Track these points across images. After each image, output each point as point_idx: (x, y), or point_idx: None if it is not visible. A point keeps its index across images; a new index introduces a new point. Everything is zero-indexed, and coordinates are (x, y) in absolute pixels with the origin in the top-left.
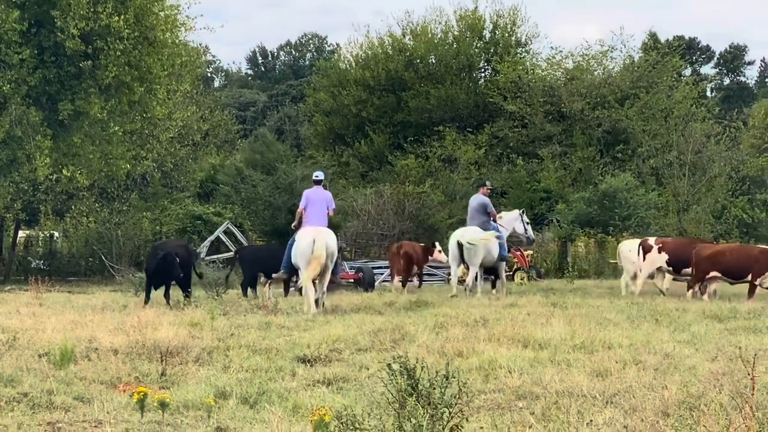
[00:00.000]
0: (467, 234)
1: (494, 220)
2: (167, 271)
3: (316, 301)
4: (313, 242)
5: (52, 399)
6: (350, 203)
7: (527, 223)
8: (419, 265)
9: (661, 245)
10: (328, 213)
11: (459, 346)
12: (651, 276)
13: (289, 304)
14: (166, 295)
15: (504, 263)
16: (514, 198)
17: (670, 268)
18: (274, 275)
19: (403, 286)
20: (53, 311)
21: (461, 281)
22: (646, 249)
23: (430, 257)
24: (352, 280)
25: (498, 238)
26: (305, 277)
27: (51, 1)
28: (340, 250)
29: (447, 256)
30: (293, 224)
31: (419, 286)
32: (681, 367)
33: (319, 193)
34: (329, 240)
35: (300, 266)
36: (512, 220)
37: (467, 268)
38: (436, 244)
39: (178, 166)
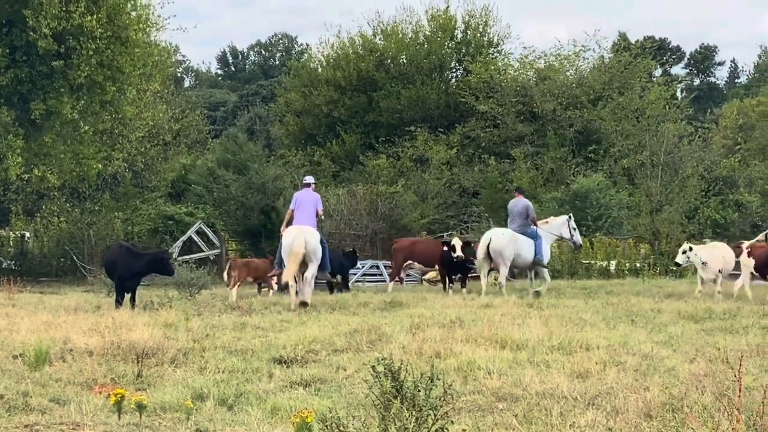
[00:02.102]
0: (494, 236)
1: (534, 224)
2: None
3: (304, 303)
4: (294, 239)
5: (28, 401)
6: (323, 203)
7: (574, 229)
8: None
9: (749, 250)
10: (317, 214)
11: (436, 347)
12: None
13: (263, 304)
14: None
15: (544, 267)
16: (486, 198)
17: (758, 273)
18: (269, 274)
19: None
20: (26, 312)
21: (433, 282)
22: (737, 253)
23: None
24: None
25: (535, 239)
26: (286, 272)
27: (23, 1)
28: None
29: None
30: (282, 225)
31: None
32: (660, 368)
33: (308, 195)
34: (309, 237)
35: (285, 262)
36: (560, 226)
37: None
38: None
39: (149, 166)
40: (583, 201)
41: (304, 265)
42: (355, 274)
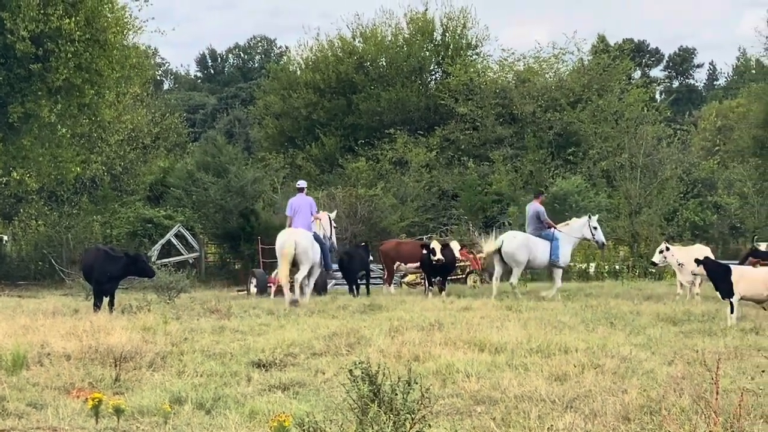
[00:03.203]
0: (506, 239)
1: (552, 228)
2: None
3: (295, 303)
4: (284, 241)
5: (5, 405)
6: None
7: (595, 228)
8: None
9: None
10: (313, 217)
11: (415, 350)
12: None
13: (242, 308)
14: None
15: (559, 269)
16: (465, 201)
17: None
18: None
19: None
20: (4, 316)
21: (412, 285)
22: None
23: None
24: None
25: (551, 241)
26: (278, 273)
27: (0, 3)
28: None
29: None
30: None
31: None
32: (639, 370)
33: (302, 200)
34: (299, 239)
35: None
36: (581, 227)
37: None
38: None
39: (128, 169)
40: (561, 203)
41: (295, 266)
42: (334, 278)
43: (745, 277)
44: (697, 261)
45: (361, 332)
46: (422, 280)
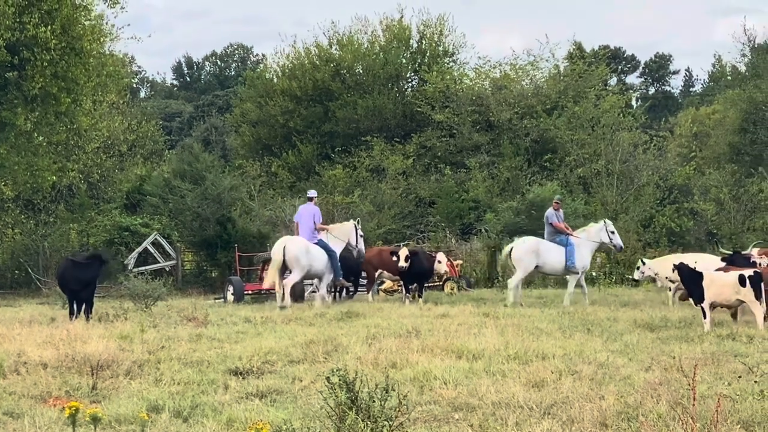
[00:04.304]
0: (516, 244)
1: (568, 233)
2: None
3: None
4: (276, 247)
5: None
6: (279, 213)
7: (612, 233)
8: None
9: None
10: (317, 227)
11: (393, 357)
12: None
13: (219, 315)
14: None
15: (576, 274)
16: (442, 208)
17: None
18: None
19: None
20: None
21: (389, 292)
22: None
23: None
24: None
25: (566, 247)
26: (267, 277)
27: None
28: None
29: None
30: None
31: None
32: (616, 377)
33: (307, 209)
34: (290, 246)
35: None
36: (598, 232)
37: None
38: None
39: (104, 177)
40: (538, 210)
41: (287, 270)
42: (311, 285)
43: (716, 283)
44: (674, 266)
45: (339, 340)
46: (399, 288)
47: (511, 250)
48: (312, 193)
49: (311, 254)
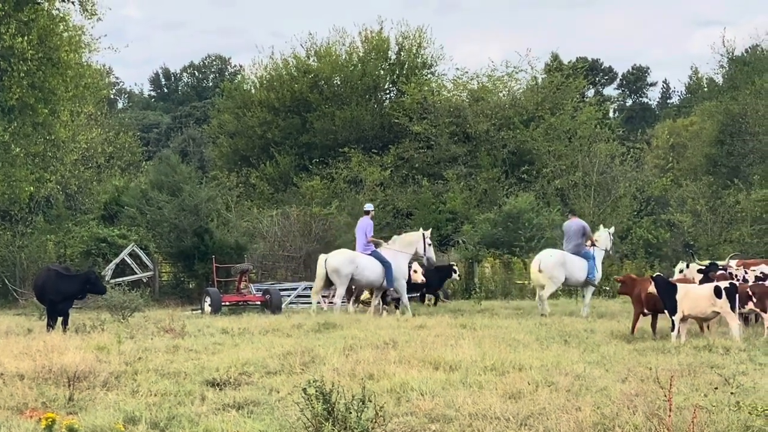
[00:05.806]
0: (543, 258)
1: (593, 245)
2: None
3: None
4: (319, 261)
5: None
6: (256, 225)
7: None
8: None
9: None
10: (368, 239)
11: (370, 368)
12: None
13: (196, 326)
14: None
15: (591, 287)
16: (420, 219)
17: None
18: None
19: None
20: None
21: (366, 303)
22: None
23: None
24: (258, 303)
25: (589, 260)
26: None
27: None
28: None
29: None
30: None
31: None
32: (593, 388)
33: (361, 223)
34: (331, 260)
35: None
36: (606, 240)
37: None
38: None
39: (82, 189)
40: (515, 222)
41: (330, 283)
42: (289, 296)
43: (689, 296)
44: (650, 278)
45: (316, 351)
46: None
47: (540, 264)
48: (369, 206)
49: (357, 265)
